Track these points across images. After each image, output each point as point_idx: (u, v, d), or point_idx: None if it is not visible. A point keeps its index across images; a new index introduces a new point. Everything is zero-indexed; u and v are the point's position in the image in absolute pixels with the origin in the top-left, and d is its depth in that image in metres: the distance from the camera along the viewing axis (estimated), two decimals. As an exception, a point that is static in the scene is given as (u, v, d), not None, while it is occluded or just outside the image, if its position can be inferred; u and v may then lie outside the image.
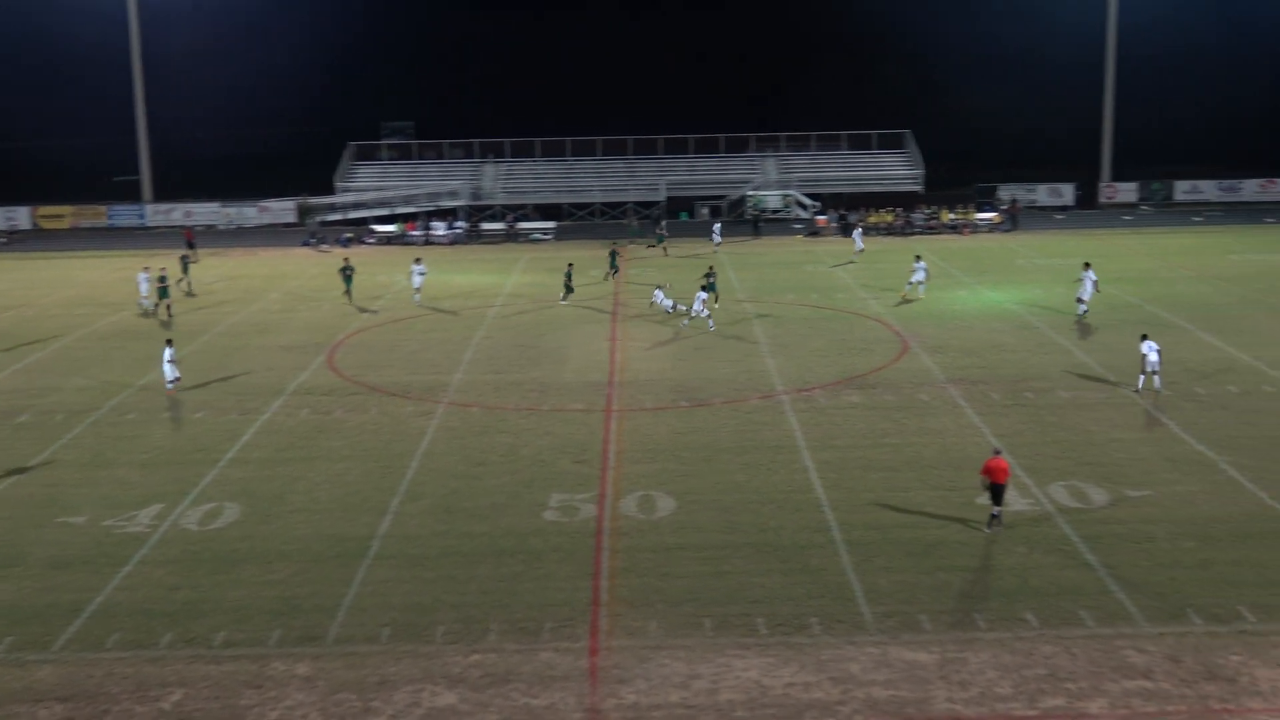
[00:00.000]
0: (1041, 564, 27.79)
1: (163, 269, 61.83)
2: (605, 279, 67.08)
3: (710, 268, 59.93)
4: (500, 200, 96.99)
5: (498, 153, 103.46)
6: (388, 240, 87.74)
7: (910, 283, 60.00)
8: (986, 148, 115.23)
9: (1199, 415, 38.57)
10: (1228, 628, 24.58)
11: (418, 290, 61.40)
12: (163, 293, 58.93)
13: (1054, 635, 24.42)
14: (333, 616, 25.90)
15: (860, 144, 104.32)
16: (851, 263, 71.79)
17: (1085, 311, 53.33)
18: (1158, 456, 34.71)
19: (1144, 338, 41.25)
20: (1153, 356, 40.31)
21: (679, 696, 22.38)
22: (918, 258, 61.57)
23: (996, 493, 29.52)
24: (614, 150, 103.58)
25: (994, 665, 23.28)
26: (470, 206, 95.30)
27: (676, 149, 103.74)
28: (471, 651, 24.27)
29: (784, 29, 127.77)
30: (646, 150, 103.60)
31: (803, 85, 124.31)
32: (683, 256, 75.88)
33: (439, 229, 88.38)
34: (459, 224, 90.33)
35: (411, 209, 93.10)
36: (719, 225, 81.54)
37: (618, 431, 38.56)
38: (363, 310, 58.92)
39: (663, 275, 65.94)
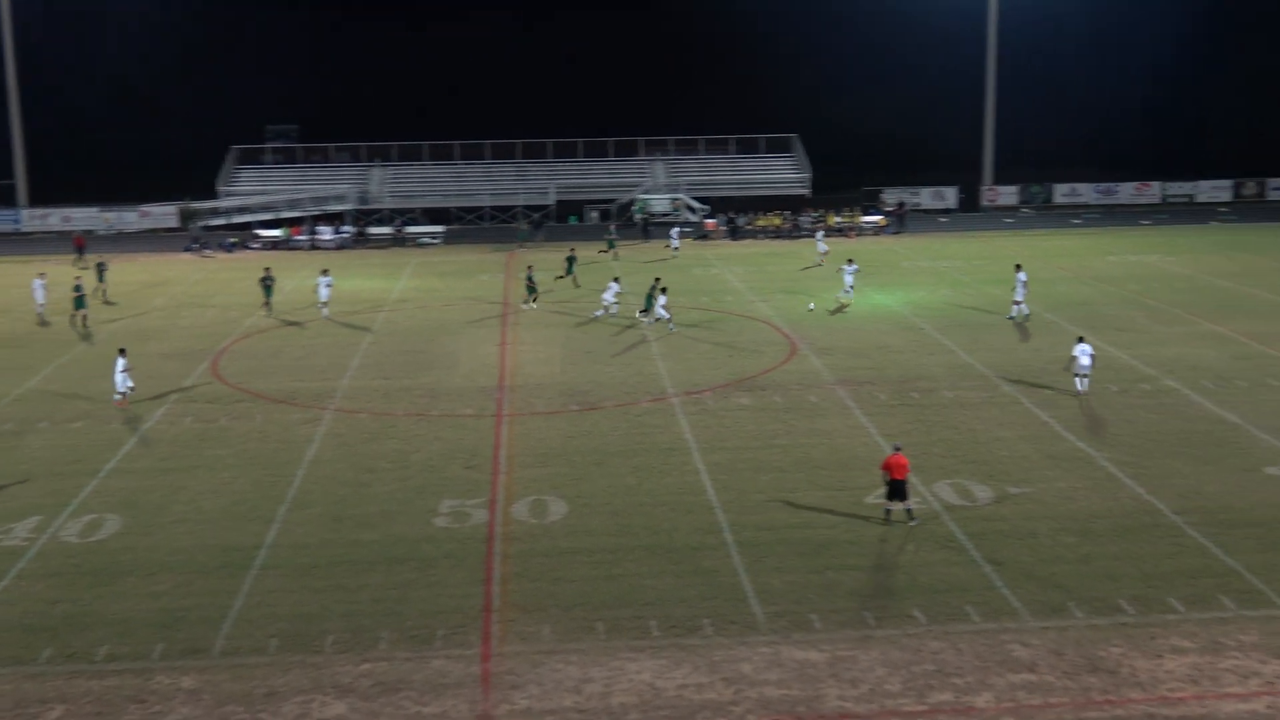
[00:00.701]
0: (929, 561, 28.20)
1: (78, 278, 60.36)
2: (564, 278, 66.01)
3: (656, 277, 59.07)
4: (388, 204, 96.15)
5: (385, 156, 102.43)
6: (273, 245, 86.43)
7: (846, 288, 59.45)
8: (872, 151, 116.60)
9: (1078, 412, 39.43)
10: (1108, 620, 25.14)
11: (325, 304, 58.31)
12: (78, 303, 56.57)
13: (941, 631, 24.79)
14: (218, 628, 25.44)
15: (748, 147, 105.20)
16: (819, 265, 71.95)
17: (1023, 313, 54.19)
18: (1039, 454, 35.41)
19: (1079, 340, 41.77)
20: (1084, 360, 40.78)
21: (572, 701, 22.34)
22: (849, 260, 61.14)
23: (896, 488, 29.95)
24: (503, 154, 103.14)
25: (883, 662, 23.56)
26: (357, 210, 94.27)
27: (566, 152, 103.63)
28: (362, 661, 23.99)
29: (673, 34, 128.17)
30: (535, 154, 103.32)
31: (691, 90, 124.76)
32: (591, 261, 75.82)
33: (325, 233, 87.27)
34: (345, 228, 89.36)
35: (297, 213, 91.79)
36: (677, 230, 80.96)
37: (509, 436, 38.40)
38: (287, 322, 57.65)
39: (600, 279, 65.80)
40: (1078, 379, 41.17)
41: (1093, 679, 22.81)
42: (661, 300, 53.57)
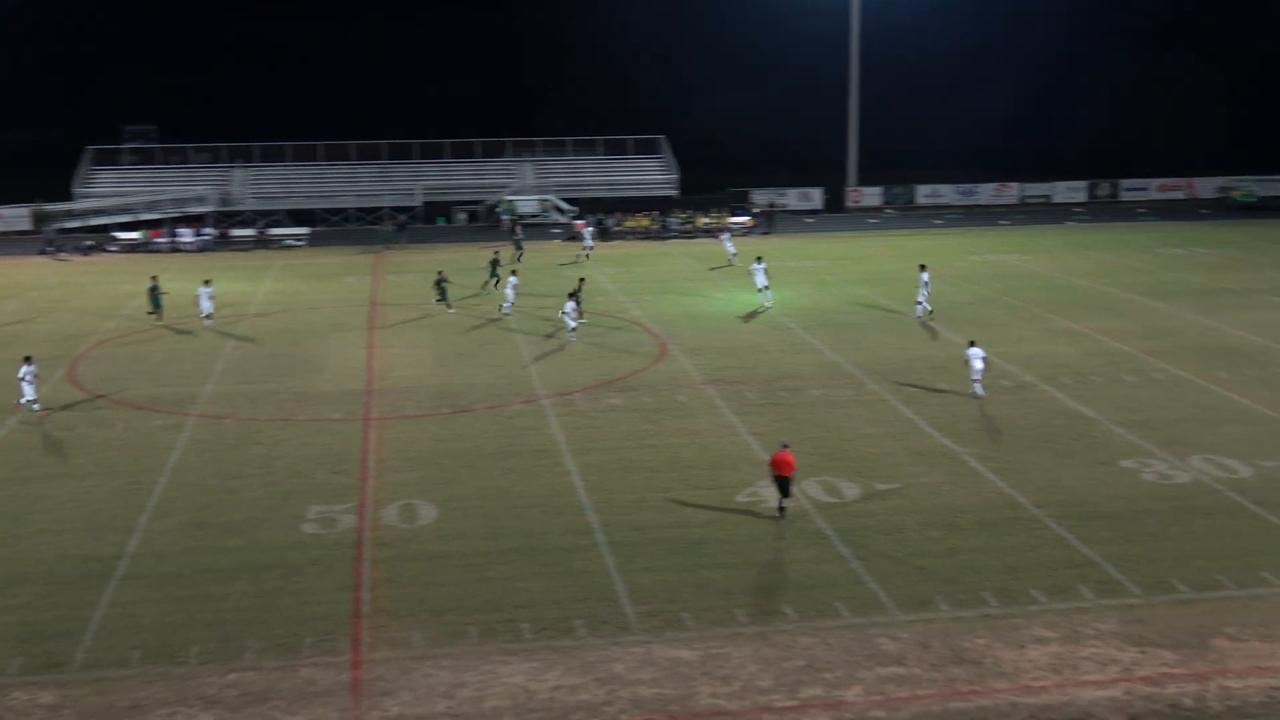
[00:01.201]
0: (798, 558, 28.51)
1: None
2: (484, 288, 64.28)
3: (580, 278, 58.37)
4: (250, 206, 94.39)
5: (246, 157, 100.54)
6: (131, 248, 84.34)
7: (760, 289, 58.50)
8: (739, 153, 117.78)
9: (943, 409, 40.18)
10: (973, 613, 25.66)
11: (208, 316, 55.04)
12: None
13: (811, 627, 25.07)
14: (79, 641, 24.72)
15: (616, 149, 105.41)
16: (730, 265, 72.11)
17: (927, 310, 54.94)
18: (905, 450, 36.01)
19: (971, 344, 41.67)
20: (977, 364, 40.68)
21: (444, 706, 22.14)
22: (758, 259, 60.26)
23: (782, 484, 30.28)
24: (368, 155, 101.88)
25: (755, 659, 23.76)
26: (218, 212, 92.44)
27: (432, 154, 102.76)
28: (228, 671, 23.50)
29: (540, 34, 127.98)
30: (401, 155, 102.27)
31: (559, 91, 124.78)
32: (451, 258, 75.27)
33: (186, 236, 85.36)
34: (207, 230, 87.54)
35: (156, 215, 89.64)
36: (590, 230, 79.78)
37: (377, 440, 37.97)
38: (179, 332, 56.09)
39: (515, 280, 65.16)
40: (975, 384, 40.97)
41: (958, 670, 23.26)
42: (568, 306, 51.81)
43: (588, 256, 75.79)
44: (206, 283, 56.43)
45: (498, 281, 63.12)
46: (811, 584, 27.14)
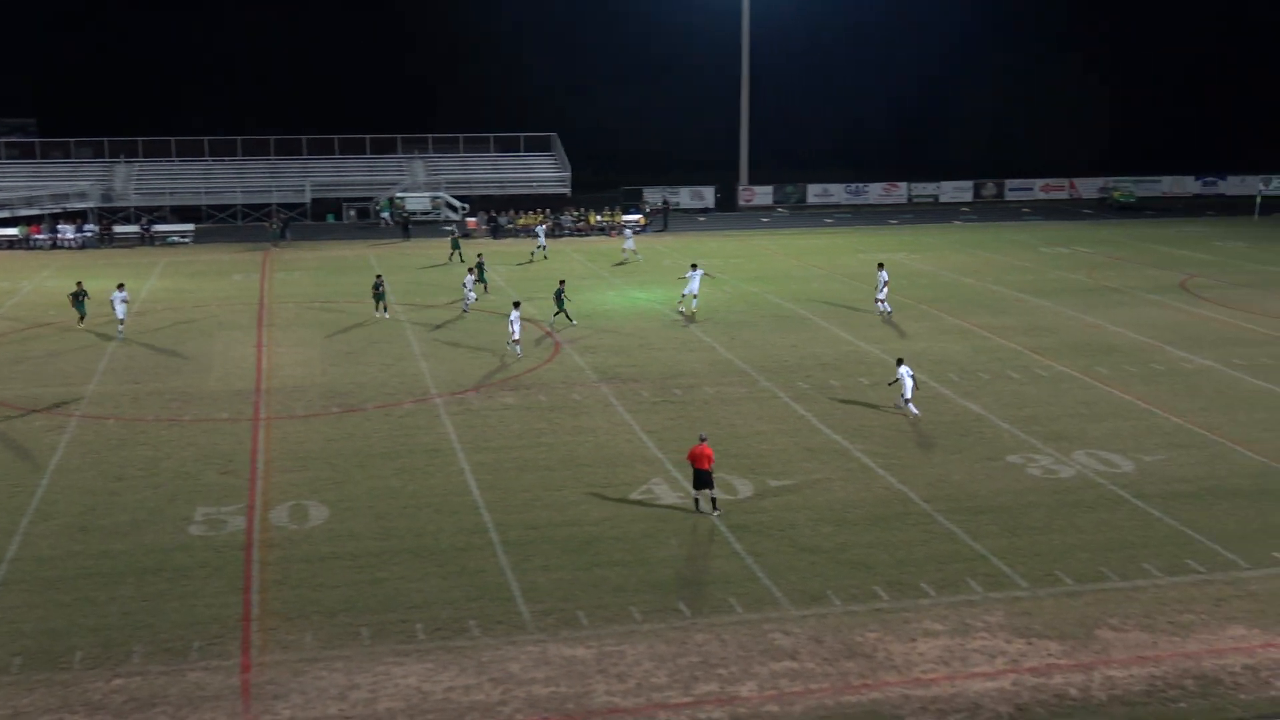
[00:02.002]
0: (693, 555, 28.63)
1: None
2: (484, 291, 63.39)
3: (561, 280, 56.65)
4: (134, 202, 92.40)
5: (130, 152, 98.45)
6: (9, 245, 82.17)
7: (684, 294, 57.18)
8: (632, 151, 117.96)
9: (834, 406, 40.61)
10: (864, 606, 25.96)
11: (121, 321, 52.00)
12: None
13: (706, 624, 25.18)
14: (-45, 649, 24.04)
15: (508, 146, 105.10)
16: (625, 263, 72.42)
17: (885, 310, 55.40)
18: (797, 447, 36.33)
19: (900, 362, 39.97)
20: (909, 382, 39.04)
21: (337, 709, 21.88)
22: (693, 265, 58.98)
23: (703, 478, 30.40)
24: (255, 150, 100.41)
25: (650, 656, 23.80)
26: (101, 209, 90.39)
27: (321, 150, 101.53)
28: (113, 676, 22.99)
29: (431, 31, 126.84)
30: (290, 151, 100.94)
31: (450, 88, 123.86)
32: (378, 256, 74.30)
33: (67, 232, 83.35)
34: (89, 227, 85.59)
35: (35, 211, 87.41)
36: (542, 228, 79.05)
37: (266, 440, 37.41)
38: (62, 330, 54.77)
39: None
40: (909, 404, 39.01)
41: (851, 664, 23.52)
42: (513, 315, 47.25)
43: (545, 256, 75.22)
44: (120, 287, 52.64)
45: (485, 286, 61.93)
46: (706, 580, 27.26)
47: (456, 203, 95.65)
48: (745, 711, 21.80)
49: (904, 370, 39.06)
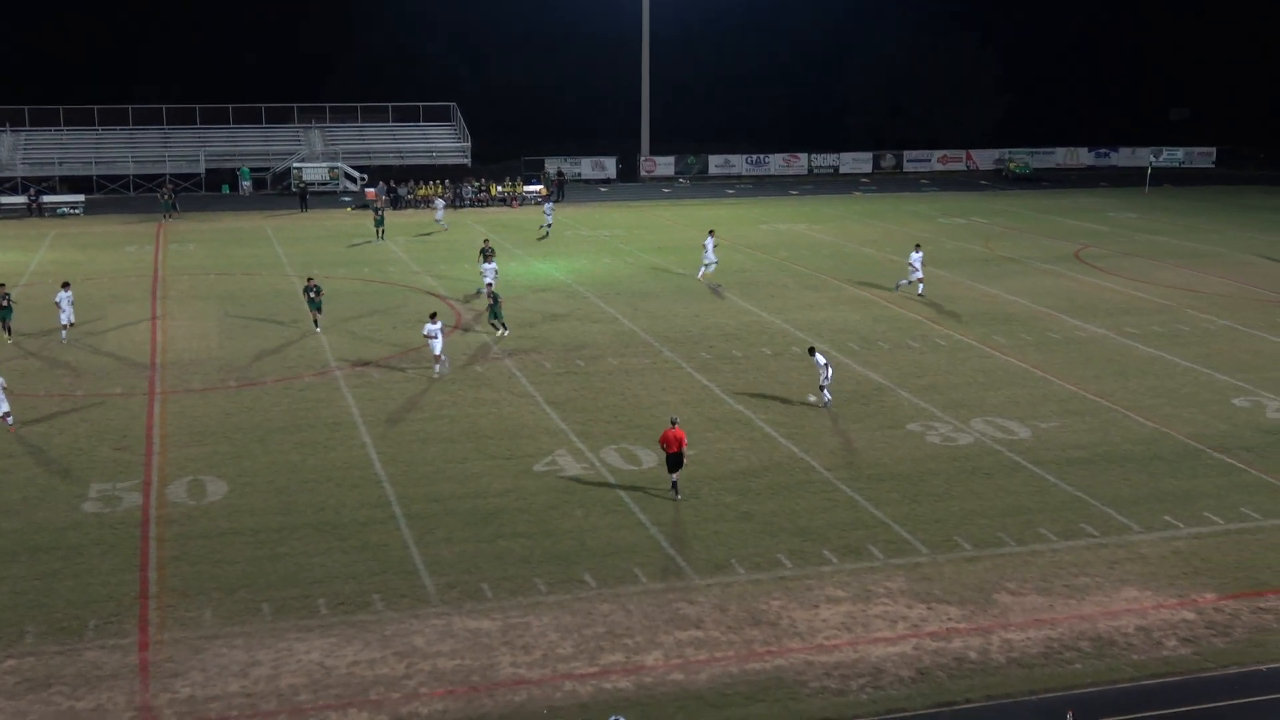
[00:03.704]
0: (597, 526, 28.62)
1: None
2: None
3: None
4: (20, 172, 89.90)
5: (15, 120, 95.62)
6: (-110, 216, 79.73)
7: (705, 263, 57.19)
8: (532, 122, 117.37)
9: (737, 376, 40.79)
10: (768, 575, 26.15)
11: (67, 325, 46.15)
12: None
13: (611, 594, 25.20)
14: None
15: (407, 116, 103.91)
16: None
17: (913, 286, 53.85)
18: (701, 417, 36.44)
19: (811, 351, 38.33)
20: (827, 370, 37.40)
21: (238, 685, 21.58)
22: (710, 232, 59.32)
23: (674, 462, 29.91)
24: (147, 119, 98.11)
25: (555, 627, 23.78)
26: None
27: (215, 119, 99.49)
28: (6, 657, 22.46)
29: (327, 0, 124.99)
30: (183, 120, 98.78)
31: (346, 57, 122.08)
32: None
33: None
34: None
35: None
36: (441, 201, 77.76)
37: (162, 415, 36.71)
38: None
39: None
40: (824, 390, 37.39)
41: (755, 631, 23.69)
42: (430, 328, 40.97)
43: (444, 228, 74.23)
44: (65, 286, 46.95)
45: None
46: (610, 551, 27.27)
47: (355, 173, 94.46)
48: (651, 680, 21.87)
49: (819, 358, 37.08)
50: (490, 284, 50.73)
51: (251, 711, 20.82)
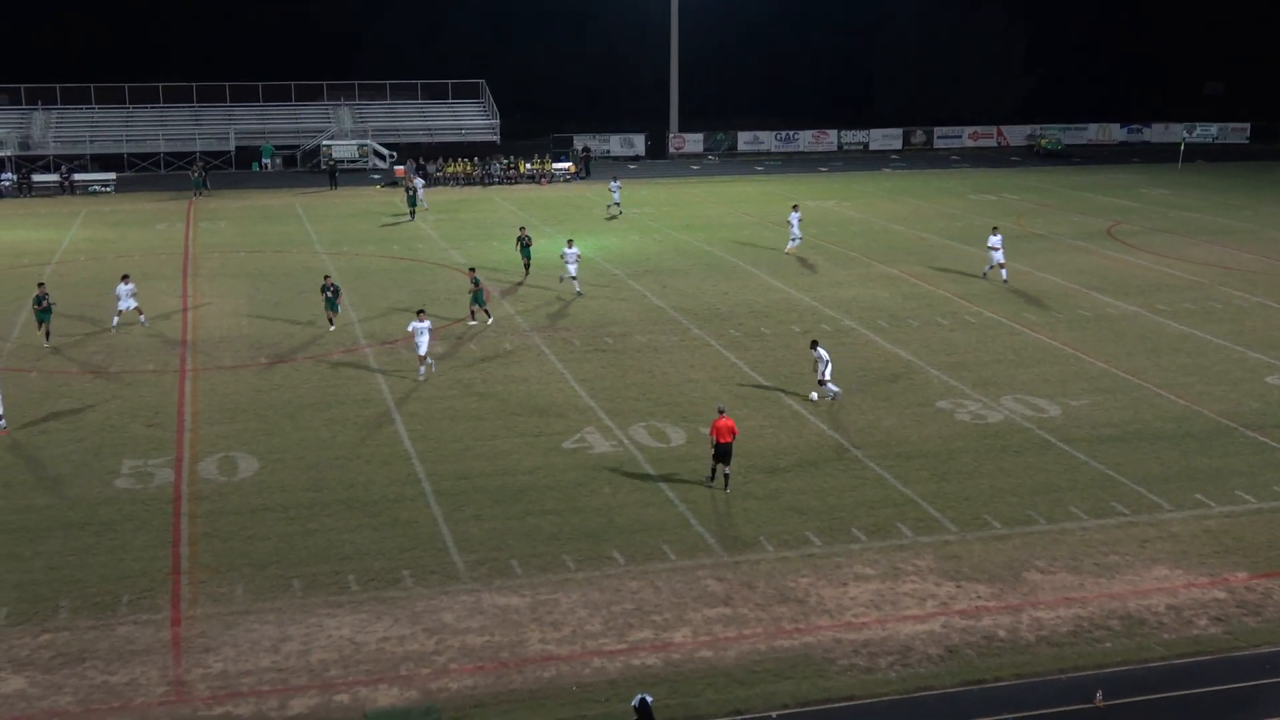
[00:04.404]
0: (626, 503, 28.66)
1: None
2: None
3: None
4: (53, 150, 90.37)
5: (48, 99, 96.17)
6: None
7: (792, 237, 57.57)
8: (561, 99, 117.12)
9: (765, 354, 40.73)
10: (796, 552, 26.15)
11: (121, 312, 44.72)
12: None
13: (639, 571, 25.26)
14: (-124, 606, 23.61)
15: (436, 93, 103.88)
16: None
17: (1000, 276, 51.46)
18: (729, 395, 36.38)
19: (814, 344, 36.22)
20: (828, 367, 36.04)
21: (270, 661, 21.74)
22: (794, 207, 59.59)
23: (723, 452, 28.99)
24: (177, 97, 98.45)
25: (584, 604, 23.85)
26: (19, 157, 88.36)
27: (244, 96, 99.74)
28: (41, 631, 22.69)
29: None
30: (213, 97, 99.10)
31: (376, 34, 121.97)
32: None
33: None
34: (6, 176, 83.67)
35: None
36: (420, 181, 76.01)
37: (193, 392, 36.93)
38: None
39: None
40: (827, 384, 35.88)
41: (783, 609, 23.70)
42: (416, 325, 38.25)
43: (425, 207, 73.19)
44: (125, 279, 45.16)
45: (528, 263, 53.37)
46: (639, 528, 27.32)
47: (384, 151, 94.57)
48: (679, 657, 21.92)
49: (820, 352, 35.70)
50: (574, 274, 49.12)
51: (283, 686, 20.97)
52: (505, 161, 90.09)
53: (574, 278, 49.11)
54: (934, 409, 35.28)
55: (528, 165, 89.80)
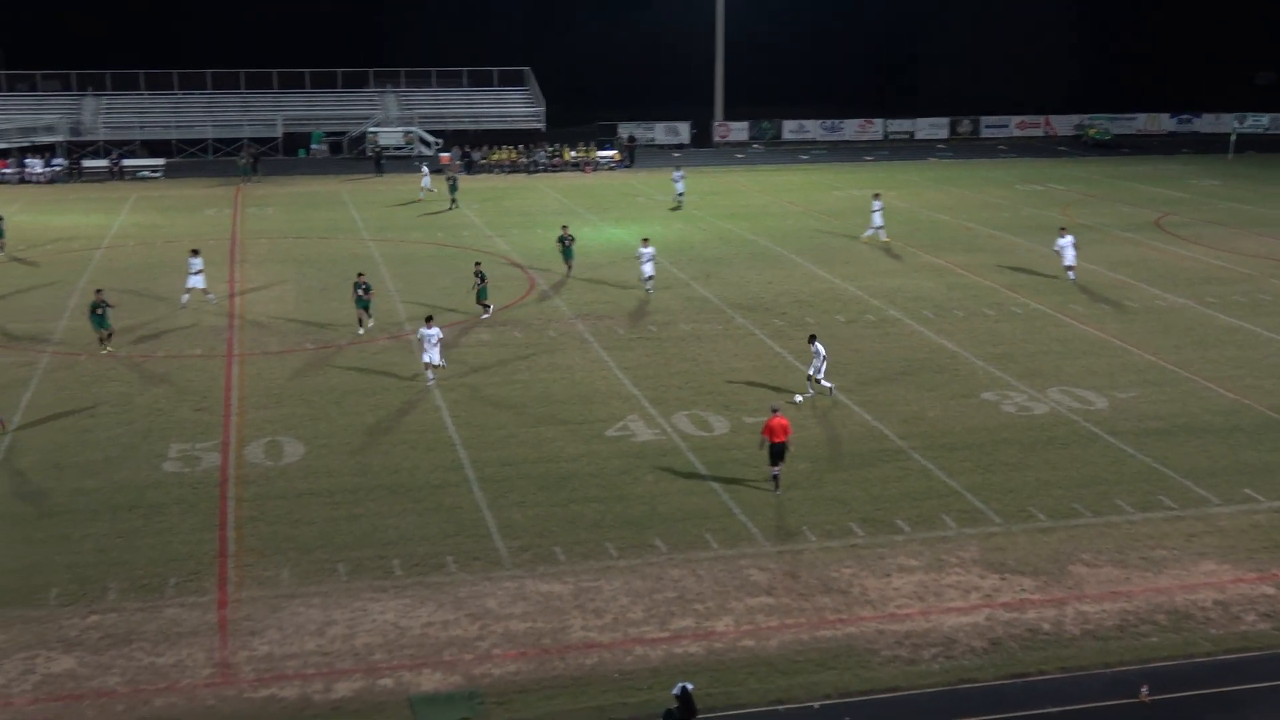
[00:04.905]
0: (668, 491, 28.67)
1: None
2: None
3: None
4: (103, 136, 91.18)
5: (98, 85, 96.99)
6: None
7: (873, 227, 57.76)
8: (606, 86, 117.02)
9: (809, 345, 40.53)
10: (840, 543, 26.09)
11: (196, 289, 45.61)
12: None
13: (682, 559, 25.27)
14: (-71, 586, 23.95)
15: (481, 80, 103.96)
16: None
17: (1070, 278, 49.51)
18: (773, 384, 36.32)
19: (812, 339, 35.39)
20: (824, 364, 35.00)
21: (315, 644, 21.91)
22: (876, 195, 59.77)
23: (777, 452, 28.34)
24: (225, 83, 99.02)
25: (626, 592, 23.89)
26: (69, 142, 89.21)
27: (291, 83, 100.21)
28: (89, 613, 22.96)
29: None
30: (260, 84, 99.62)
31: (422, 21, 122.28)
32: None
33: (35, 166, 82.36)
34: (57, 161, 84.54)
35: (2, 145, 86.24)
36: (426, 166, 76.03)
37: (240, 376, 37.22)
38: (27, 265, 54.21)
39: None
40: (822, 380, 35.05)
41: (826, 599, 23.66)
42: (425, 332, 36.33)
43: (423, 196, 72.86)
44: (195, 253, 46.22)
45: (570, 263, 51.39)
46: (681, 516, 27.33)
47: (430, 137, 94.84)
48: (721, 646, 21.93)
49: (818, 346, 34.72)
50: (649, 275, 47.08)
51: (327, 670, 21.14)
52: (550, 149, 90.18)
53: (649, 278, 47.16)
54: (979, 400, 35.09)
55: (572, 153, 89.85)
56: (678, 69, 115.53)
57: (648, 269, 47.09)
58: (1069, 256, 49.16)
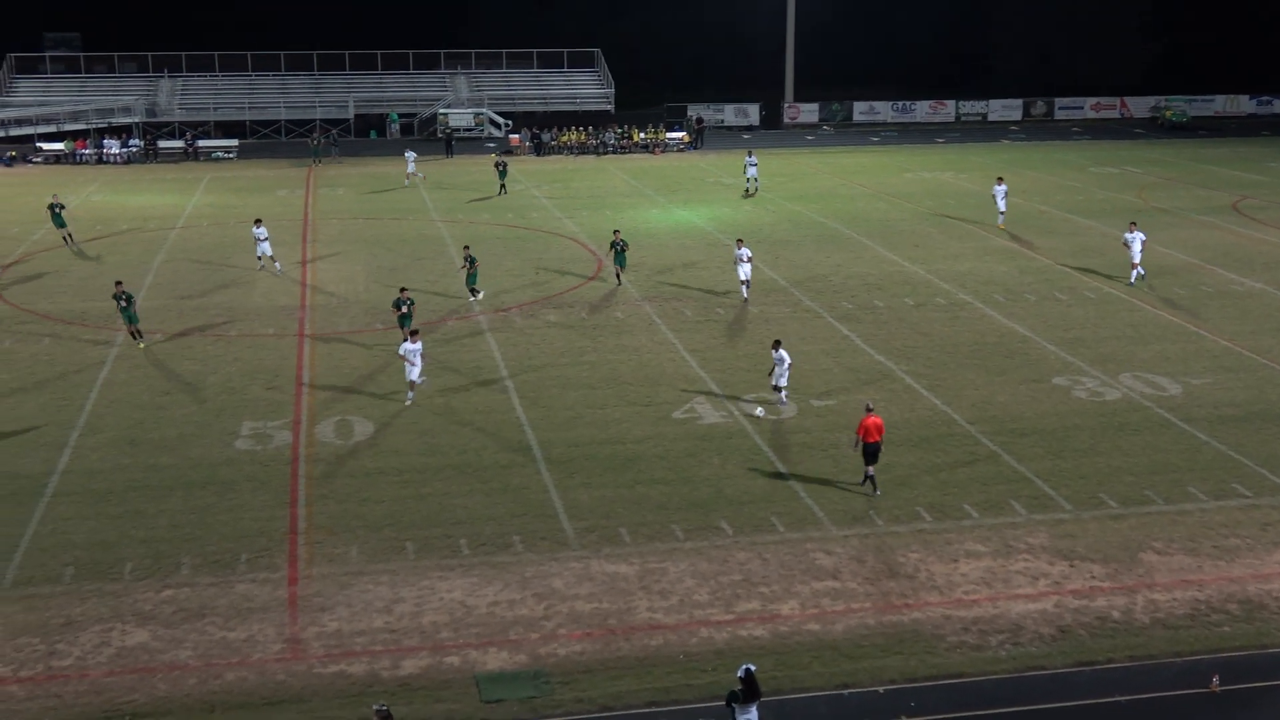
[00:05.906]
0: (734, 474, 28.65)
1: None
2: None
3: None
4: (178, 117, 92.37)
5: (173, 67, 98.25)
6: (56, 159, 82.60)
7: (1002, 212, 57.04)
8: (675, 68, 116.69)
9: (877, 328, 40.37)
10: (906, 527, 25.95)
11: (271, 259, 48.54)
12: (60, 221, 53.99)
13: (748, 542, 25.25)
14: (9, 559, 24.43)
15: (551, 62, 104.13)
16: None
17: (1140, 275, 46.40)
18: (840, 367, 36.19)
19: (776, 345, 32.95)
20: (785, 368, 32.77)
21: (382, 621, 22.14)
22: (999, 180, 58.70)
23: (870, 451, 27.35)
24: (298, 65, 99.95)
25: (692, 574, 23.92)
26: (145, 123, 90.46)
27: (363, 65, 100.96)
28: (163, 587, 23.35)
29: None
30: (332, 66, 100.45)
31: (493, 1, 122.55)
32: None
33: (113, 147, 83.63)
34: (134, 142, 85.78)
35: (80, 126, 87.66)
36: (413, 154, 75.12)
37: (311, 356, 37.61)
38: (102, 243, 55.16)
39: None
40: (781, 391, 33.04)
41: (892, 584, 23.56)
42: (407, 347, 33.41)
43: (408, 183, 71.59)
44: (258, 223, 48.78)
45: (620, 270, 46.81)
46: (747, 499, 27.30)
47: (500, 119, 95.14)
48: (787, 630, 21.91)
49: (782, 354, 32.64)
50: (744, 278, 43.36)
51: (395, 647, 21.36)
52: (619, 131, 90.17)
53: (744, 282, 43.44)
54: (1050, 385, 34.72)
55: (641, 135, 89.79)
56: (747, 50, 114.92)
57: (744, 270, 43.40)
58: (1136, 252, 45.92)
